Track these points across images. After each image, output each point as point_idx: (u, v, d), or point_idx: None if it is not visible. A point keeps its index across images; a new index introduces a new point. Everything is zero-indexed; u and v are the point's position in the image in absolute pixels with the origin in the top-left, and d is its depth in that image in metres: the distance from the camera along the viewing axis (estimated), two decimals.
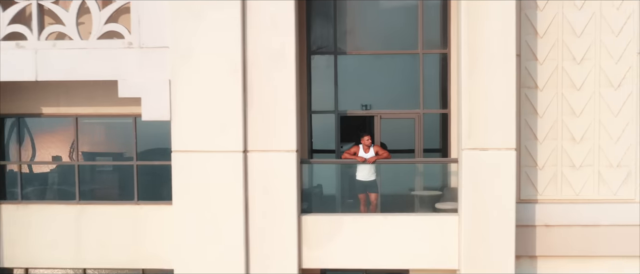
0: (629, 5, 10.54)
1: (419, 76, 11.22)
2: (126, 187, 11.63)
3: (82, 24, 10.37)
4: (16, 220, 11.65)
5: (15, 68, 10.17)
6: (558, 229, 10.79)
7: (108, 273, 11.71)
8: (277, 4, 9.76)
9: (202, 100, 9.87)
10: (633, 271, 10.82)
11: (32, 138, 11.68)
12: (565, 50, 10.63)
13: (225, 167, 9.96)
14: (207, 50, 9.78)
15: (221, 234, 10.10)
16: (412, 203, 10.93)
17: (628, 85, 10.62)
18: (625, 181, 10.71)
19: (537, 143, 10.73)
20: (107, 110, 11.38)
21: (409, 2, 11.22)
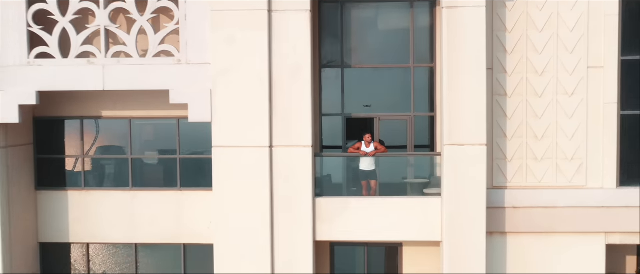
0: (581, 28, 13.00)
1: (410, 86, 13.71)
2: (170, 177, 14.16)
3: (138, 42, 12.91)
4: (79, 204, 14.19)
5: (87, 80, 12.70)
6: (524, 210, 13.26)
7: (155, 246, 14.24)
8: (296, 34, 12.26)
9: (236, 106, 12.38)
10: (585, 244, 13.28)
11: (97, 133, 14.18)
12: (529, 65, 13.10)
13: (255, 159, 12.47)
14: (241, 67, 12.29)
15: (252, 214, 12.60)
16: (405, 189, 13.42)
17: (580, 93, 13.07)
18: (578, 171, 13.16)
19: (506, 140, 13.20)
20: (155, 113, 13.90)
21: (403, 25, 13.71)
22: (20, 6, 12.63)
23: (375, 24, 13.96)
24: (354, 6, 13.73)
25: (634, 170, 13.27)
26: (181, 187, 14.01)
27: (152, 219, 14.04)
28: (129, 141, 14.08)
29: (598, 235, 13.21)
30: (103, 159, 14.32)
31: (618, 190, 13.13)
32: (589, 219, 13.17)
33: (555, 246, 13.26)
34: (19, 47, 12.69)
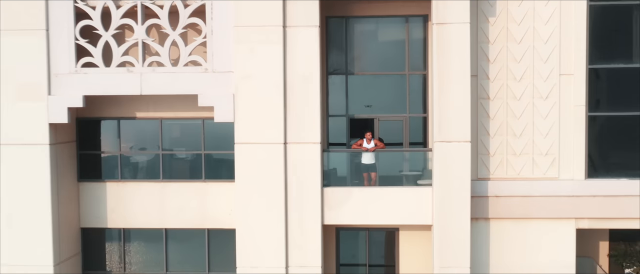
0: (554, 41, 14.97)
1: (405, 90, 15.71)
2: (195, 170, 16.17)
3: (170, 53, 14.92)
4: (116, 194, 16.21)
5: (126, 86, 14.71)
6: (504, 199, 15.25)
7: (182, 231, 16.25)
8: (307, 46, 14.26)
9: (256, 108, 14.38)
10: (557, 228, 15.27)
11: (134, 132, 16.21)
12: (508, 72, 15.08)
13: (272, 154, 14.48)
14: (260, 74, 14.30)
15: (269, 201, 14.61)
16: (401, 180, 15.42)
17: (553, 97, 15.05)
18: (551, 164, 15.15)
19: (489, 138, 15.18)
20: (183, 114, 15.91)
21: (399, 38, 15.71)
22: (69, 22, 14.64)
23: (376, 37, 15.97)
24: (357, 21, 15.74)
25: (600, 164, 15.26)
26: (205, 179, 16.02)
27: (179, 207, 16.05)
28: (159, 139, 16.09)
29: (569, 220, 15.20)
30: (137, 155, 16.34)
31: (586, 181, 15.12)
32: (561, 207, 15.15)
33: (532, 230, 15.24)
34: (68, 58, 14.70)
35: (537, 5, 14.88)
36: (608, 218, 15.19)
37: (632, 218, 15.19)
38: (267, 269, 14.62)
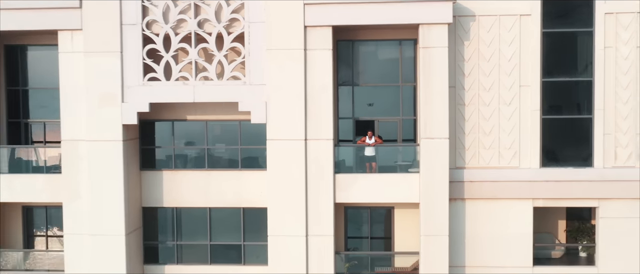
0: (515, 59, 19.17)
1: (399, 98, 19.94)
2: (233, 160, 20.42)
3: (216, 68, 19.17)
4: (170, 180, 20.39)
5: (182, 95, 18.98)
6: (477, 183, 19.43)
7: (222, 209, 20.47)
8: (322, 64, 18.51)
9: (283, 112, 18.63)
10: (518, 206, 19.42)
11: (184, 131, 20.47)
12: (480, 84, 19.29)
13: (295, 148, 18.71)
14: (287, 86, 18.55)
15: (293, 184, 18.83)
16: (396, 168, 19.62)
17: (514, 104, 19.27)
18: (513, 156, 19.35)
19: (465, 135, 19.38)
20: (223, 117, 20.13)
21: (394, 57, 19.95)
22: (138, 46, 18.91)
23: (376, 56, 20.21)
24: (361, 43, 19.99)
25: (551, 156, 19.45)
26: (241, 168, 20.26)
27: (220, 190, 20.28)
28: (205, 136, 20.36)
29: (527, 200, 19.41)
30: (186, 149, 20.61)
31: (540, 169, 19.32)
32: (521, 189, 19.37)
33: (498, 207, 19.44)
34: (137, 74, 18.98)
35: (502, 31, 19.11)
36: (558, 198, 19.42)
37: (577, 198, 19.43)
38: (291, 236, 18.90)
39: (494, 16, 19.07)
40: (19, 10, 19.03)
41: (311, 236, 19.01)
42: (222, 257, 20.56)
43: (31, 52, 20.94)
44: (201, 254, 20.64)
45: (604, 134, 19.19)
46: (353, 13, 18.47)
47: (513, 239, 19.49)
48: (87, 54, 18.97)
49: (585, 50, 19.30)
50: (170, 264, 20.65)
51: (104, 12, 18.83)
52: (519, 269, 19.47)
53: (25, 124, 20.97)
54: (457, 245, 19.44)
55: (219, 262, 20.53)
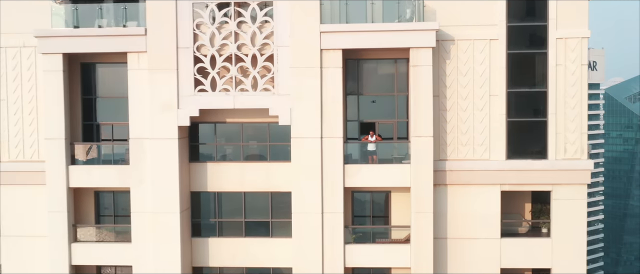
0: (486, 74, 24.37)
1: (395, 104, 25.17)
2: (263, 154, 25.69)
3: (243, 79, 24.44)
4: (212, 170, 25.65)
5: (225, 103, 24.27)
6: (456, 172, 24.65)
7: (254, 193, 25.71)
8: (334, 79, 23.77)
9: (304, 116, 23.88)
10: (489, 190, 24.61)
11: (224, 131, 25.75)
12: (458, 93, 24.49)
13: (313, 144, 23.96)
14: (307, 96, 23.81)
15: (311, 173, 24.07)
16: (392, 160, 24.87)
17: (485, 109, 24.48)
18: (485, 151, 24.55)
19: (446, 134, 24.59)
20: (255, 120, 25.38)
21: (391, 72, 25.18)
22: (190, 64, 24.20)
23: (376, 71, 25.45)
24: (364, 62, 25.23)
25: (515, 150, 24.62)
26: (269, 160, 25.51)
27: (253, 178, 25.52)
28: (241, 135, 25.63)
29: (495, 186, 24.60)
30: (225, 145, 25.88)
31: (506, 161, 24.51)
32: (491, 177, 24.56)
33: (473, 191, 24.65)
34: (189, 86, 24.26)
35: (476, 53, 24.33)
36: (520, 184, 24.64)
37: (535, 184, 24.64)
38: (310, 213, 24.15)
39: (469, 40, 24.31)
40: (96, 36, 24.35)
41: (326, 213, 24.27)
42: (254, 231, 25.85)
43: (100, 68, 26.20)
44: (237, 229, 25.93)
45: (556, 133, 24.40)
46: (358, 39, 23.77)
47: (485, 216, 24.70)
48: (151, 71, 24.27)
49: (541, 67, 24.50)
50: (212, 237, 25.94)
51: (163, 38, 24.14)
52: (488, 240, 24.69)
53: (97, 126, 26.27)
54: (440, 221, 24.67)
55: (251, 235, 25.83)
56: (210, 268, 26.07)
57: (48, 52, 24.55)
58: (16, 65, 25.76)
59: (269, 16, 24.15)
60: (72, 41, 24.50)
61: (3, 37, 25.73)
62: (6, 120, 25.87)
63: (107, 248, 25.58)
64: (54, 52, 24.57)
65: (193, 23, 24.22)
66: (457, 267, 24.84)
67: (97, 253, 25.57)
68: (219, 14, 24.18)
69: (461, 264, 24.83)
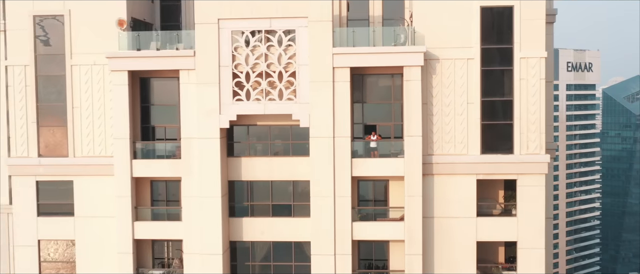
0: (464, 85, 30.65)
1: (391, 111, 31.49)
2: (287, 150, 32.05)
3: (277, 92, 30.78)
4: (246, 163, 32.03)
5: (257, 109, 30.64)
6: (441, 164, 30.93)
7: (279, 181, 32.04)
8: (343, 91, 30.12)
9: (320, 120, 30.23)
10: (467, 179, 30.91)
11: (256, 132, 32.16)
12: (443, 102, 30.80)
13: (327, 142, 30.31)
14: (322, 104, 30.17)
15: (326, 165, 30.41)
16: (389, 155, 31.18)
17: (464, 114, 30.75)
18: (464, 147, 30.83)
19: (433, 134, 30.88)
20: (280, 123, 31.71)
21: (388, 84, 31.50)
22: (229, 79, 30.57)
23: (377, 83, 31.79)
24: (368, 76, 31.55)
25: (488, 146, 30.90)
26: (292, 155, 31.86)
27: (279, 169, 31.87)
28: (269, 134, 31.99)
29: (472, 175, 30.91)
30: (256, 143, 32.25)
31: (480, 155, 30.83)
32: (468, 168, 30.87)
33: (455, 180, 30.95)
34: (228, 96, 30.63)
35: (456, 69, 30.61)
36: (492, 174, 30.94)
37: (504, 174, 30.96)
38: (325, 197, 30.50)
39: (451, 60, 30.60)
40: (155, 57, 30.75)
41: (337, 197, 30.61)
42: (279, 212, 32.21)
43: (155, 81, 32.55)
44: (265, 210, 32.30)
45: (520, 133, 30.67)
46: (363, 59, 30.13)
47: (463, 199, 31.00)
48: (198, 84, 30.65)
49: (508, 81, 30.77)
50: (245, 217, 32.31)
51: (208, 59, 30.52)
52: (467, 218, 30.98)
53: (152, 128, 32.64)
54: (428, 203, 30.98)
55: (277, 215, 32.20)
56: (243, 242, 32.45)
57: (116, 69, 30.97)
58: (88, 80, 32.16)
59: (291, 41, 30.51)
60: (136, 61, 30.92)
61: (76, 57, 32.13)
62: (79, 123, 32.27)
63: (162, 225, 32.01)
64: (121, 70, 30.98)
65: (232, 47, 30.60)
66: (442, 240, 31.16)
67: (154, 230, 32.00)
68: (252, 40, 30.57)
69: (445, 238, 31.16)
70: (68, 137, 32.39)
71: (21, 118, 32.62)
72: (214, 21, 30.42)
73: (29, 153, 32.65)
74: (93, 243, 32.58)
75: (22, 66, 32.45)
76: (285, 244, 32.25)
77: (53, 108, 32.51)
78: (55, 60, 32.33)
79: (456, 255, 31.20)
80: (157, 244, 33.08)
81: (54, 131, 32.56)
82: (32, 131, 32.56)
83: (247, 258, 32.51)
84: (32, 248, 33.06)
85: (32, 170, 32.66)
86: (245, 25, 30.52)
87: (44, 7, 32.11)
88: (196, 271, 31.28)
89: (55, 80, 32.36)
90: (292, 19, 30.33)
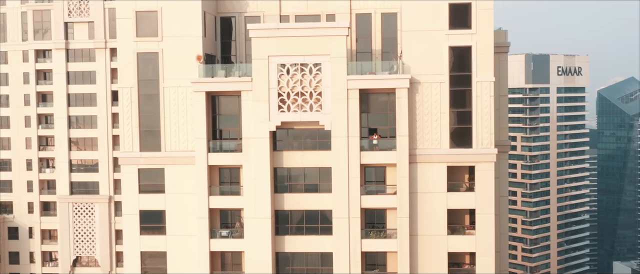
0: (438, 100, 44.46)
1: (387, 119, 45.30)
2: (315, 146, 45.91)
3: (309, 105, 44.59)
4: (286, 155, 45.89)
5: (295, 118, 44.53)
6: (422, 155, 44.73)
7: (310, 168, 45.82)
8: (354, 105, 44.02)
9: (339, 125, 44.07)
10: (441, 166, 44.65)
11: (292, 133, 46.13)
12: (423, 111, 44.60)
13: (344, 140, 44.14)
14: (340, 114, 44.00)
15: (343, 156, 44.22)
16: (386, 149, 44.98)
17: (438, 120, 44.57)
18: (438, 143, 44.65)
19: (417, 134, 44.68)
20: (311, 126, 45.50)
21: (386, 100, 45.30)
22: (276, 97, 44.41)
23: (378, 99, 45.57)
24: (371, 94, 45.33)
25: (454, 143, 44.68)
26: (318, 149, 45.70)
27: (309, 159, 45.62)
28: (302, 135, 45.83)
29: (443, 163, 44.75)
30: (293, 141, 46.08)
31: (449, 149, 44.66)
32: (441, 158, 44.71)
33: (431, 166, 44.79)
34: (275, 109, 44.45)
35: (432, 89, 44.43)
36: (458, 162, 44.79)
37: (465, 162, 44.79)
38: (341, 178, 44.32)
39: (428, 83, 44.41)
40: (225, 82, 44.65)
41: (350, 178, 44.48)
42: (309, 189, 46.10)
43: (222, 98, 46.38)
44: (299, 189, 46.18)
45: (476, 134, 44.44)
46: (367, 83, 44.03)
47: (438, 179, 44.80)
48: (254, 101, 44.55)
49: (469, 97, 44.51)
50: (286, 193, 46.16)
51: (261, 83, 44.38)
52: (440, 193, 44.79)
53: (220, 131, 46.52)
54: (413, 183, 44.78)
55: (307, 192, 46.06)
56: (284, 210, 46.25)
57: (197, 90, 44.90)
58: (175, 97, 46.06)
59: (319, 70, 44.36)
60: (210, 85, 44.84)
61: (166, 81, 46.01)
62: (169, 128, 46.16)
63: (228, 198, 46.00)
64: (200, 91, 44.90)
65: (277, 75, 44.46)
66: (423, 208, 44.92)
67: (222, 201, 45.94)
68: (291, 69, 44.42)
69: (425, 207, 44.92)
70: (160, 137, 46.31)
71: (128, 124, 46.58)
72: (265, 57, 44.32)
73: (133, 149, 46.60)
74: (178, 212, 46.48)
75: (128, 88, 46.42)
76: (313, 211, 46.04)
77: (150, 117, 46.43)
78: (152, 84, 46.26)
79: (433, 219, 44.99)
80: (223, 213, 46.95)
81: (151, 133, 46.48)
82: (135, 133, 46.48)
83: (286, 221, 46.34)
84: (135, 216, 47.01)
85: (135, 161, 46.63)
86: (287, 60, 44.40)
87: (144, 47, 46.07)
88: (252, 231, 45.14)
89: (152, 97, 46.29)
90: (319, 55, 44.19)
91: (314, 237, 45.95)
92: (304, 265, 46.31)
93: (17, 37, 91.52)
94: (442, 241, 45.02)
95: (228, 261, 46.90)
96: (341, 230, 44.76)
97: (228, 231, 46.48)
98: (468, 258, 46.16)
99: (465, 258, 46.21)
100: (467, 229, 45.91)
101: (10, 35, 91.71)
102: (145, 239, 47.06)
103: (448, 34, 44.33)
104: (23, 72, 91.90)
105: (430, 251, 45.06)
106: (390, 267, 45.71)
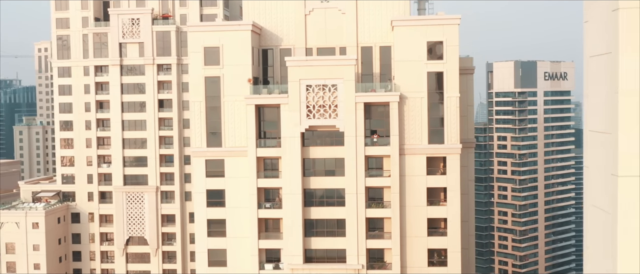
0: (419, 110, 62.75)
1: (384, 123, 63.60)
2: (332, 143, 64.23)
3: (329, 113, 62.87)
4: (313, 150, 64.22)
5: (318, 123, 62.93)
6: (408, 148, 63.06)
7: (330, 159, 64.13)
8: (360, 113, 62.44)
9: (350, 127, 62.41)
10: (421, 157, 62.91)
11: (316, 134, 64.56)
12: (411, 117, 62.96)
13: (353, 140, 62.46)
14: (350, 120, 62.34)
15: (353, 151, 62.56)
16: (384, 144, 63.22)
17: (419, 125, 62.90)
18: (419, 140, 62.95)
19: (405, 134, 62.91)
20: (329, 129, 63.75)
21: (382, 110, 63.61)
22: (304, 109, 62.82)
23: (377, 109, 63.87)
24: (372, 106, 63.62)
25: (431, 140, 62.96)
26: (335, 145, 64.01)
27: (328, 152, 63.86)
28: (323, 135, 64.08)
29: (423, 155, 63.18)
30: (317, 139, 64.43)
31: (428, 144, 63.04)
32: (422, 151, 63.19)
33: (415, 157, 63.15)
34: (304, 116, 62.91)
35: (416, 102, 62.78)
36: (433, 154, 63.15)
37: (440, 154, 63.16)
38: (352, 165, 62.64)
39: (413, 97, 62.75)
40: (269, 97, 63.02)
41: (358, 165, 62.79)
42: (328, 174, 64.41)
43: (266, 109, 64.66)
44: (321, 173, 64.46)
45: (447, 133, 62.78)
46: (370, 98, 62.41)
47: (420, 166, 63.12)
48: (289, 111, 62.89)
49: (441, 108, 62.80)
50: (311, 177, 64.43)
51: (294, 99, 62.68)
52: (422, 176, 63.13)
53: (264, 132, 64.87)
54: (402, 168, 63.12)
55: (327, 176, 64.39)
56: (310, 189, 64.49)
57: (249, 104, 63.32)
58: (231, 108, 64.44)
59: (335, 89, 62.62)
60: (258, 99, 63.23)
61: (226, 97, 64.38)
62: (228, 130, 64.52)
63: (270, 180, 64.33)
64: (251, 104, 63.30)
65: (306, 92, 62.74)
66: (409, 187, 63.21)
67: (266, 182, 64.33)
68: (316, 89, 62.71)
69: (411, 186, 63.20)
70: (221, 137, 64.68)
71: (197, 127, 64.93)
72: (297, 80, 62.67)
73: (201, 145, 64.98)
74: (234, 192, 64.87)
75: (198, 101, 64.84)
76: (331, 190, 64.28)
77: (214, 122, 64.79)
78: (215, 98, 64.64)
79: (416, 195, 63.30)
80: (267, 191, 65.25)
81: (214, 134, 64.81)
82: (203, 134, 64.85)
83: (312, 196, 64.60)
84: (202, 194, 65.40)
85: (203, 154, 65.03)
86: (312, 81, 62.69)
87: (210, 72, 64.52)
88: (288, 203, 63.45)
89: (216, 109, 64.66)
90: (335, 79, 62.54)
91: (332, 208, 64.24)
92: (324, 228, 64.57)
93: (79, 55, 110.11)
94: (423, 210, 63.36)
95: (270, 225, 65.26)
96: (351, 202, 63.05)
97: (270, 203, 64.80)
98: (443, 223, 64.38)
99: (440, 224, 64.43)
100: (441, 202, 64.18)
101: (74, 53, 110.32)
102: (210, 210, 65.46)
103: (426, 63, 62.65)
104: (84, 84, 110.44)
105: (415, 217, 63.36)
106: (386, 229, 64.01)
